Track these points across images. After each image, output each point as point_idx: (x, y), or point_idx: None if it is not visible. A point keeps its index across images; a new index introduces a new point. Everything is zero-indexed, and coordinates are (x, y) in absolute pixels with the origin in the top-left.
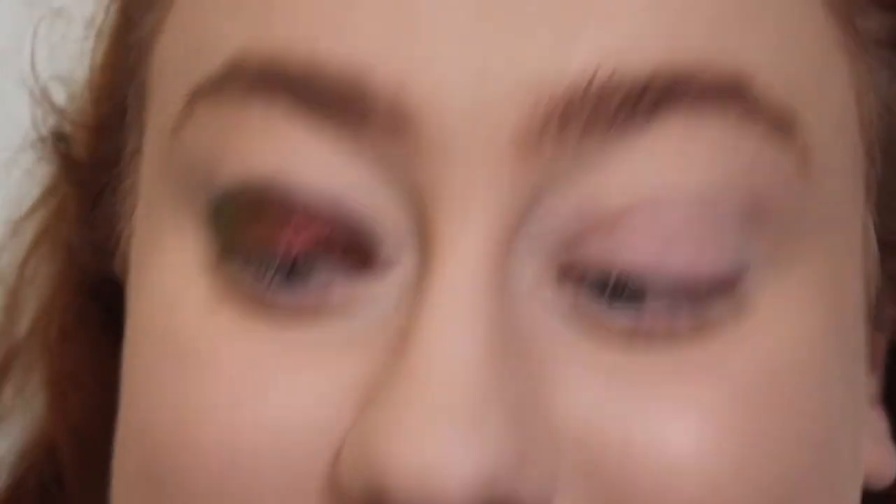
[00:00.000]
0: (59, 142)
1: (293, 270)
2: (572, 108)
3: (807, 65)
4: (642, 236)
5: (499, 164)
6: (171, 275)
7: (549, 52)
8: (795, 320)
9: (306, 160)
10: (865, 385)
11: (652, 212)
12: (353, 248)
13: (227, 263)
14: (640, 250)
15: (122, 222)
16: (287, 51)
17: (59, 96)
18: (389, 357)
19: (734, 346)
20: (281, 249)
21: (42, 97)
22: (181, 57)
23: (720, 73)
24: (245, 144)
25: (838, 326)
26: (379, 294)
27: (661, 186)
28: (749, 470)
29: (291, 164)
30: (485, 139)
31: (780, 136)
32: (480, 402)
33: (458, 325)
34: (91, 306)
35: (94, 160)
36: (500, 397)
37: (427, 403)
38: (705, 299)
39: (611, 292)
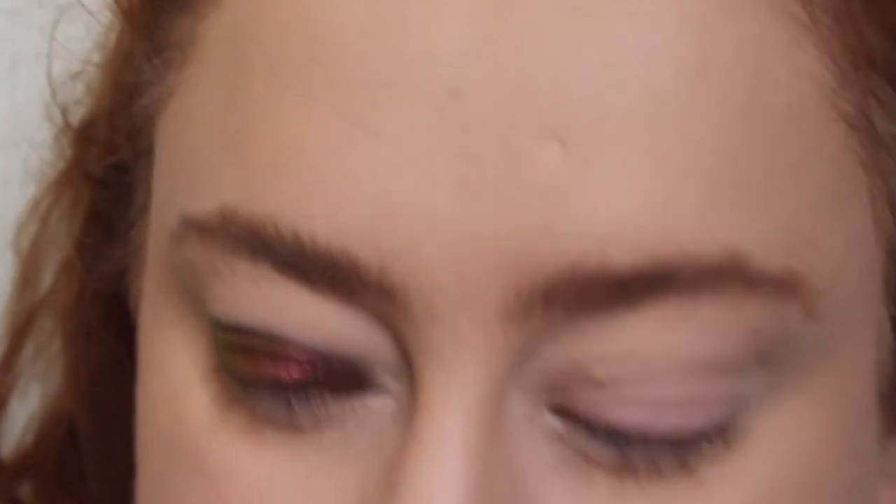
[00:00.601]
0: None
1: (290, 395)
2: (556, 294)
3: (810, 212)
4: (631, 403)
5: (486, 333)
6: (176, 374)
7: (532, 236)
8: (794, 440)
9: (295, 316)
10: (878, 453)
11: (641, 382)
12: (347, 377)
13: (228, 378)
14: (628, 414)
15: (133, 272)
16: (273, 219)
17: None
18: (384, 479)
19: (723, 478)
20: (275, 382)
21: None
22: (177, 167)
23: (713, 256)
24: (233, 292)
25: (843, 432)
26: (374, 410)
27: (651, 359)
28: None
29: (280, 318)
30: (470, 314)
31: (783, 298)
32: None
33: (439, 482)
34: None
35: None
36: None
37: None
38: (693, 445)
39: (600, 434)
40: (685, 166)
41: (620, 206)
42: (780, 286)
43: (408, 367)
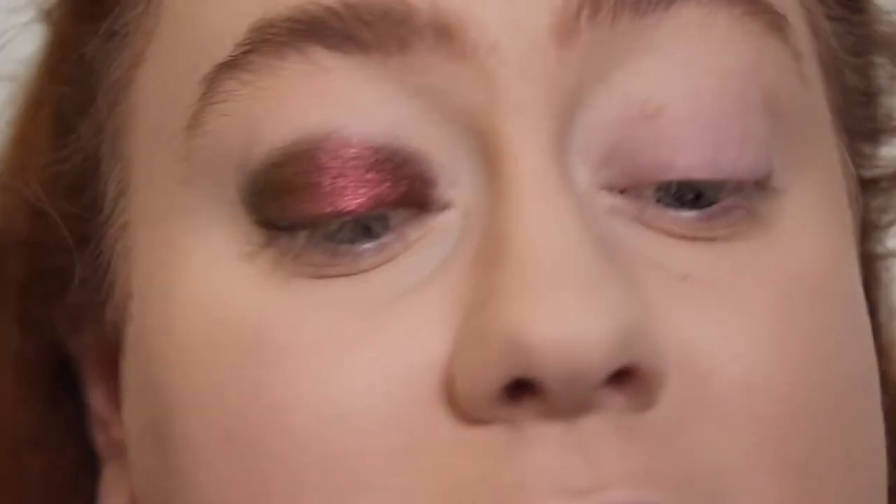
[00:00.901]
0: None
1: (353, 228)
2: None
3: None
4: (691, 132)
5: (544, 56)
6: (208, 272)
7: None
8: (816, 226)
9: (352, 106)
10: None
11: (693, 103)
12: (409, 196)
13: (277, 240)
14: (693, 150)
15: (114, 271)
16: None
17: None
18: (475, 276)
19: (784, 241)
20: (337, 212)
21: None
22: (181, 59)
23: None
24: (283, 105)
25: (843, 241)
26: (440, 231)
27: (693, 76)
28: (813, 372)
29: (337, 113)
30: (526, 33)
31: (778, 35)
32: (598, 273)
33: (550, 209)
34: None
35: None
36: (612, 269)
37: (546, 276)
38: (753, 195)
39: (673, 198)
40: None
41: None
42: (774, 22)
43: (472, 145)
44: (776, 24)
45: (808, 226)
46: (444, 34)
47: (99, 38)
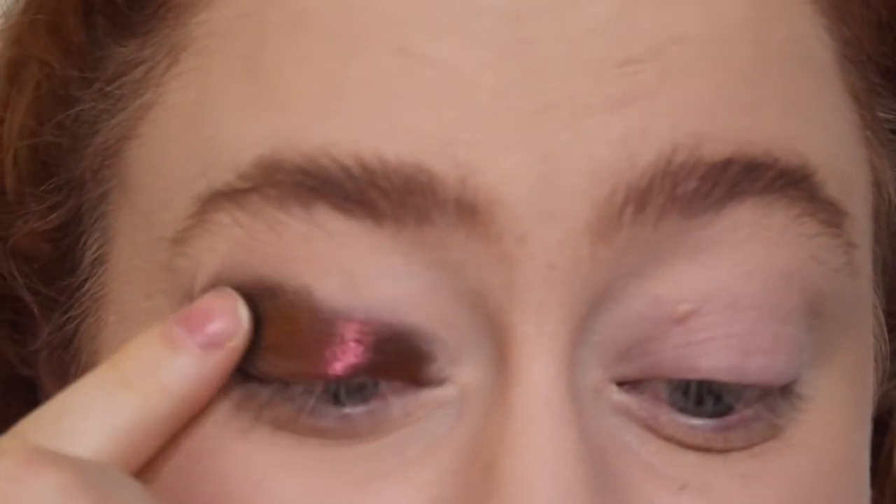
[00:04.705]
0: None
1: (336, 391)
2: (652, 188)
3: (849, 158)
4: (721, 337)
5: (575, 253)
6: None
7: (621, 138)
8: (836, 417)
9: (349, 276)
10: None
11: (728, 309)
12: (399, 369)
13: (252, 384)
14: (719, 355)
15: (81, 339)
16: (327, 150)
17: None
18: (467, 473)
19: (799, 448)
20: (321, 372)
21: None
22: (177, 158)
23: (789, 163)
24: (275, 265)
25: (861, 417)
26: (433, 408)
27: (733, 282)
28: None
29: (332, 281)
30: (560, 227)
31: (832, 231)
32: None
33: (549, 449)
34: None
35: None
36: None
37: None
38: (777, 402)
39: (693, 401)
40: (759, 78)
41: (710, 107)
42: (833, 213)
43: (481, 329)
44: (833, 221)
45: (827, 431)
46: (469, 214)
47: (91, 92)
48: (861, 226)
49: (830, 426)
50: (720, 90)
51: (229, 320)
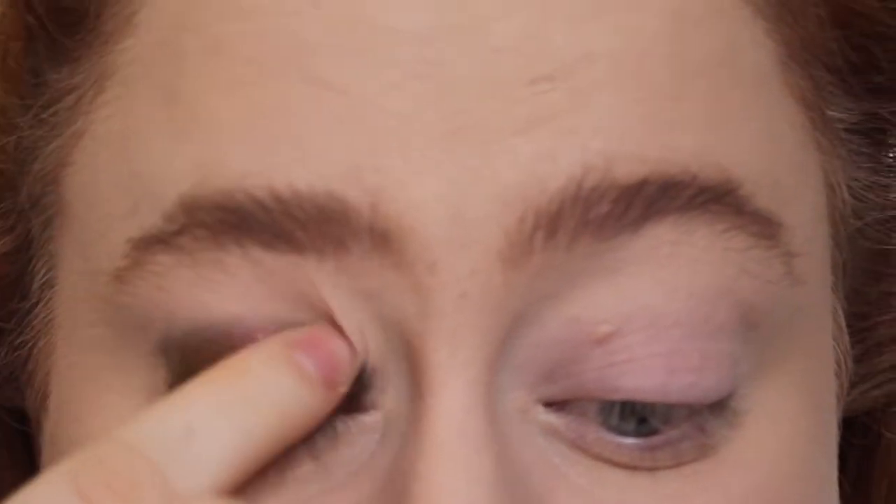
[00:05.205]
0: None
1: None
2: (562, 214)
3: (786, 167)
4: (643, 357)
5: (488, 281)
6: (121, 413)
7: (529, 162)
8: (782, 430)
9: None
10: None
11: (650, 328)
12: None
13: None
14: (643, 374)
15: (34, 361)
16: (241, 184)
17: None
18: (384, 500)
19: (733, 466)
20: None
21: None
22: (110, 197)
23: (710, 179)
24: (204, 292)
25: (818, 426)
26: (363, 433)
27: (656, 300)
28: None
29: (260, 309)
30: (471, 255)
31: (766, 243)
32: None
33: (464, 469)
34: None
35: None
36: None
37: None
38: (707, 421)
39: (616, 421)
40: (679, 93)
41: (624, 126)
42: (765, 225)
43: (399, 357)
44: (766, 232)
45: (771, 445)
46: (383, 241)
47: (28, 118)
48: (805, 233)
49: (775, 439)
50: (635, 108)
51: (350, 364)
